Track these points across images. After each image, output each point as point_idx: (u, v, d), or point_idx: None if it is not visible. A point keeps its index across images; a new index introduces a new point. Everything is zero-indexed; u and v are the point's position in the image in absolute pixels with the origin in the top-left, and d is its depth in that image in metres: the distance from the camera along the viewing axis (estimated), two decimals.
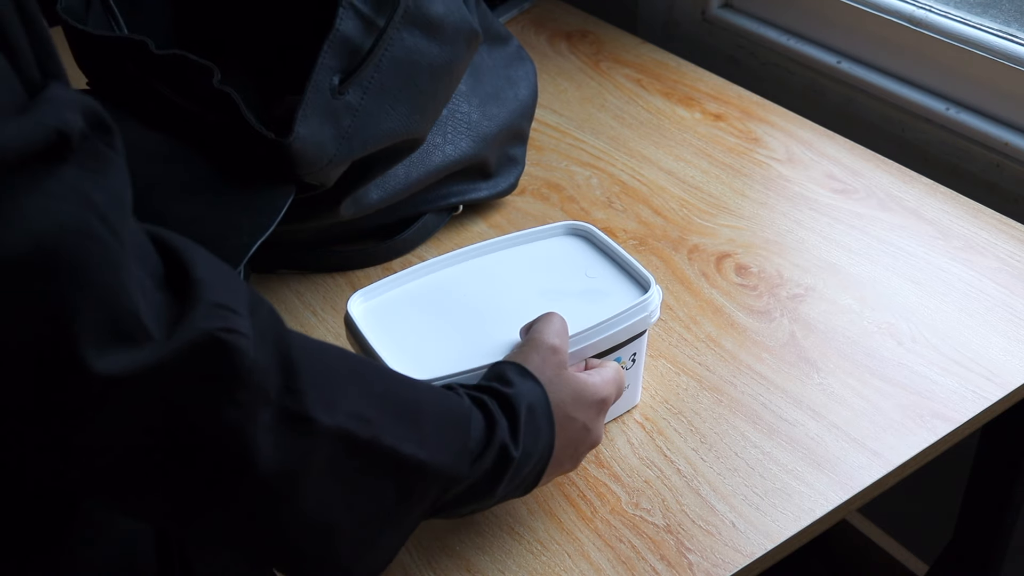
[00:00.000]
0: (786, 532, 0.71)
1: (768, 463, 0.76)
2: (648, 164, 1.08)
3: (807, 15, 1.23)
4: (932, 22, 1.11)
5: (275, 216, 0.78)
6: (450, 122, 0.94)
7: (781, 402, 0.81)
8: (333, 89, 0.80)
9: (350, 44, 0.80)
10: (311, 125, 0.78)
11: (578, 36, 1.31)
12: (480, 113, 0.96)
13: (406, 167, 0.91)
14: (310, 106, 0.78)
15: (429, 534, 0.72)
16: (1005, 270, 0.92)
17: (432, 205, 0.96)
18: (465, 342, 0.73)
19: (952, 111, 1.10)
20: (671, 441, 0.78)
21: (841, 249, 0.95)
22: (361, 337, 0.73)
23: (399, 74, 0.83)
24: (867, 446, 0.77)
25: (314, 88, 0.79)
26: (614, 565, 0.70)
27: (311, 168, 0.80)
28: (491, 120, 0.97)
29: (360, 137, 0.82)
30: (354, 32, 0.80)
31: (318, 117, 0.79)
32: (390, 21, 0.81)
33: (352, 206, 0.89)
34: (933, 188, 1.02)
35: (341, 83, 0.80)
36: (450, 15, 0.85)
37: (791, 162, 1.07)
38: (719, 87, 1.19)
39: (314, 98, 0.79)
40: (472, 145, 0.95)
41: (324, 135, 0.79)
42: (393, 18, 0.81)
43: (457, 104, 0.95)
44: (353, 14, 0.80)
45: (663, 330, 0.88)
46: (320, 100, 0.79)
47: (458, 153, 0.95)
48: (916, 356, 0.84)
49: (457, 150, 0.94)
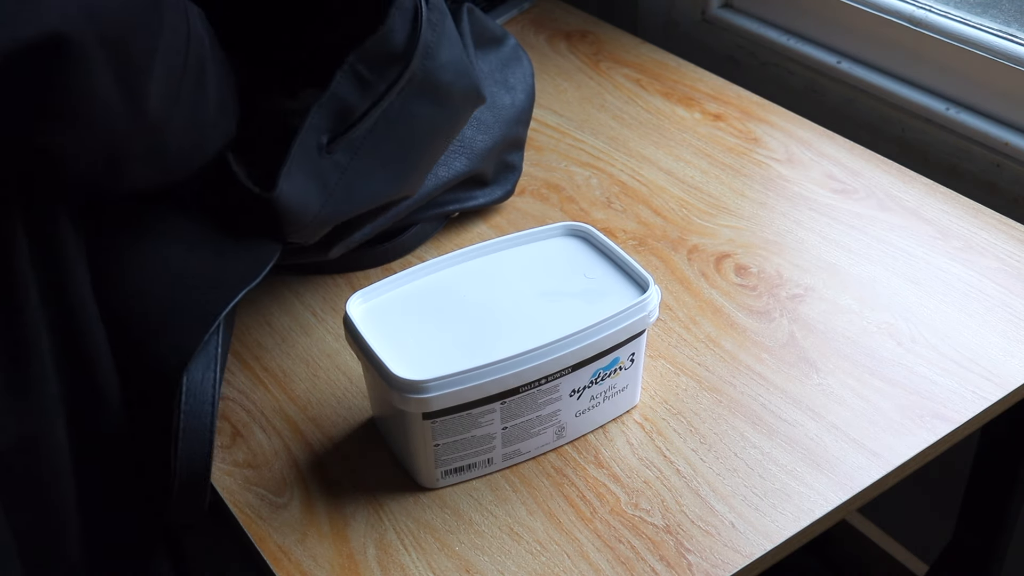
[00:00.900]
0: (786, 532, 0.71)
1: (768, 463, 0.76)
2: (648, 164, 1.08)
3: (807, 15, 1.23)
4: (932, 22, 1.11)
5: (261, 269, 0.78)
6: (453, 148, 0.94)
7: (781, 402, 0.81)
8: (321, 148, 0.79)
9: (343, 105, 0.79)
10: (296, 181, 0.77)
11: (578, 36, 1.31)
12: (475, 129, 0.95)
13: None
14: (296, 163, 0.77)
15: (429, 534, 0.72)
16: (1005, 270, 0.92)
17: (426, 214, 0.95)
18: (465, 342, 0.73)
19: (952, 111, 1.10)
20: (670, 441, 0.78)
21: (841, 249, 0.95)
22: (361, 338, 0.73)
23: (394, 135, 0.82)
24: (867, 446, 0.77)
25: (301, 146, 0.78)
26: (613, 566, 0.70)
27: (296, 224, 0.79)
28: (486, 134, 0.96)
29: (346, 195, 0.81)
30: (349, 94, 0.79)
31: (303, 174, 0.78)
32: (392, 86, 0.79)
33: (343, 247, 0.88)
34: (933, 188, 1.02)
35: (329, 143, 0.79)
36: (458, 81, 0.84)
37: (791, 162, 1.07)
38: (719, 87, 1.19)
39: (300, 155, 0.78)
40: (467, 163, 0.94)
41: (309, 192, 0.78)
42: (396, 84, 0.80)
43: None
44: (352, 77, 0.79)
45: (662, 330, 0.88)
46: (306, 158, 0.78)
47: (452, 174, 0.93)
48: (916, 356, 0.84)
49: (451, 171, 0.93)
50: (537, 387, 0.73)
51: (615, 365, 0.76)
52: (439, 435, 0.72)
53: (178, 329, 0.74)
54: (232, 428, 0.81)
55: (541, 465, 0.77)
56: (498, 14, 1.34)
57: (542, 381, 0.73)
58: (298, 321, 0.91)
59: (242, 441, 0.80)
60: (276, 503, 0.75)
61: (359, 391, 0.84)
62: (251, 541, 0.73)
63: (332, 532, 0.73)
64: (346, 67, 0.79)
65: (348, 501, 0.75)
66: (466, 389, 0.70)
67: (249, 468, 0.78)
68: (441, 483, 0.75)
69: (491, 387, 0.71)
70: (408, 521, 0.73)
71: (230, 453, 0.79)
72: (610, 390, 0.78)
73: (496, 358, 0.70)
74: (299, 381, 0.85)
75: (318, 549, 0.72)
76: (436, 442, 0.72)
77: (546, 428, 0.76)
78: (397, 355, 0.71)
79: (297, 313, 0.91)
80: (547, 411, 0.75)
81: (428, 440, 0.72)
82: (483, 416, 0.72)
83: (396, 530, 0.73)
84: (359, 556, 0.71)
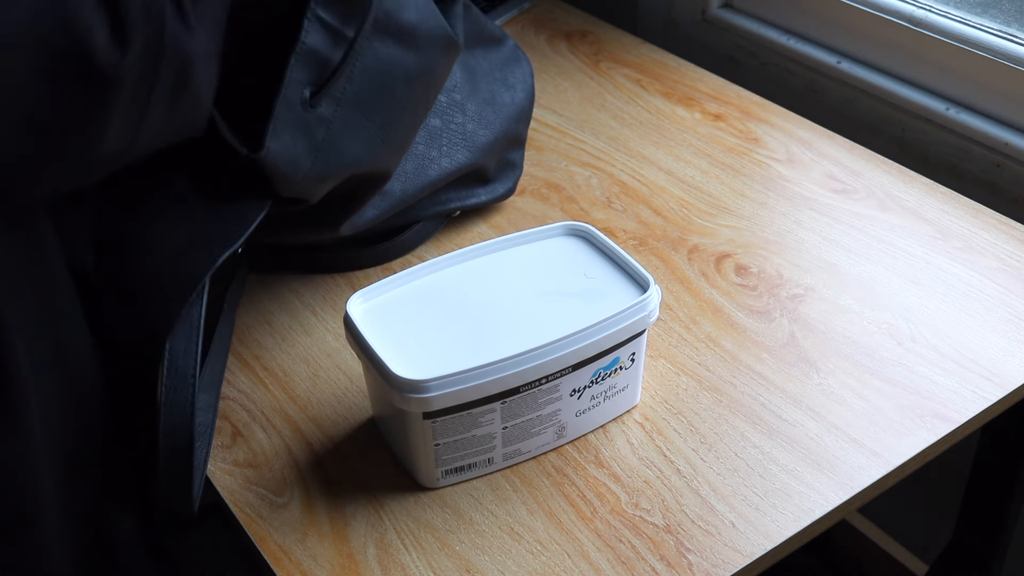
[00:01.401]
0: (786, 532, 0.71)
1: (768, 463, 0.76)
2: (648, 164, 1.08)
3: (807, 15, 1.23)
4: (932, 22, 1.11)
5: (246, 228, 0.77)
6: (445, 134, 0.93)
7: (781, 402, 0.81)
8: (304, 102, 0.78)
9: (318, 56, 0.78)
10: (283, 139, 0.77)
11: (578, 36, 1.31)
12: (476, 123, 0.95)
13: (402, 182, 0.90)
14: (280, 120, 0.77)
15: (429, 534, 0.72)
16: (1005, 270, 0.92)
17: (429, 212, 0.96)
18: (465, 342, 0.73)
19: (952, 111, 1.10)
20: (671, 441, 0.78)
21: (841, 249, 0.95)
22: (361, 337, 0.73)
23: (372, 84, 0.81)
24: (867, 446, 0.77)
25: (284, 102, 0.77)
26: (614, 565, 0.70)
27: (287, 182, 0.78)
28: (487, 128, 0.96)
29: (335, 149, 0.80)
30: (321, 44, 0.78)
31: (289, 131, 0.77)
32: (359, 31, 0.79)
33: (350, 227, 0.88)
34: (933, 188, 1.02)
35: (312, 96, 0.78)
36: (424, 23, 0.83)
37: (791, 162, 1.07)
38: (719, 87, 1.19)
39: (284, 112, 0.77)
40: (469, 156, 0.95)
41: (297, 149, 0.78)
42: (363, 28, 0.79)
43: (452, 115, 0.94)
44: (319, 26, 0.78)
45: (663, 330, 0.88)
46: (291, 114, 0.77)
47: (454, 165, 0.94)
48: (916, 356, 0.84)
49: (453, 163, 0.94)
50: (537, 387, 0.73)
51: (615, 365, 0.76)
52: (439, 435, 0.72)
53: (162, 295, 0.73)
54: (232, 428, 0.81)
55: (541, 465, 0.77)
56: (498, 14, 1.34)
57: (542, 381, 0.73)
58: (298, 320, 0.91)
59: (242, 441, 0.80)
60: (276, 503, 0.75)
61: (359, 391, 0.84)
62: (251, 541, 0.73)
63: (332, 532, 0.73)
64: (309, 15, 0.77)
65: (348, 501, 0.75)
66: (466, 389, 0.70)
67: (249, 468, 0.78)
68: (441, 483, 0.75)
69: (491, 387, 0.71)
70: (408, 521, 0.73)
71: (230, 453, 0.79)
72: (610, 390, 0.78)
73: (496, 358, 0.70)
74: (299, 381, 0.85)
75: (318, 549, 0.72)
76: (436, 442, 0.72)
77: (546, 428, 0.76)
78: (397, 355, 0.71)
79: (297, 312, 0.91)
80: (547, 411, 0.75)
81: (428, 440, 0.72)
82: (483, 416, 0.72)
83: (396, 530, 0.73)
84: (359, 556, 0.71)
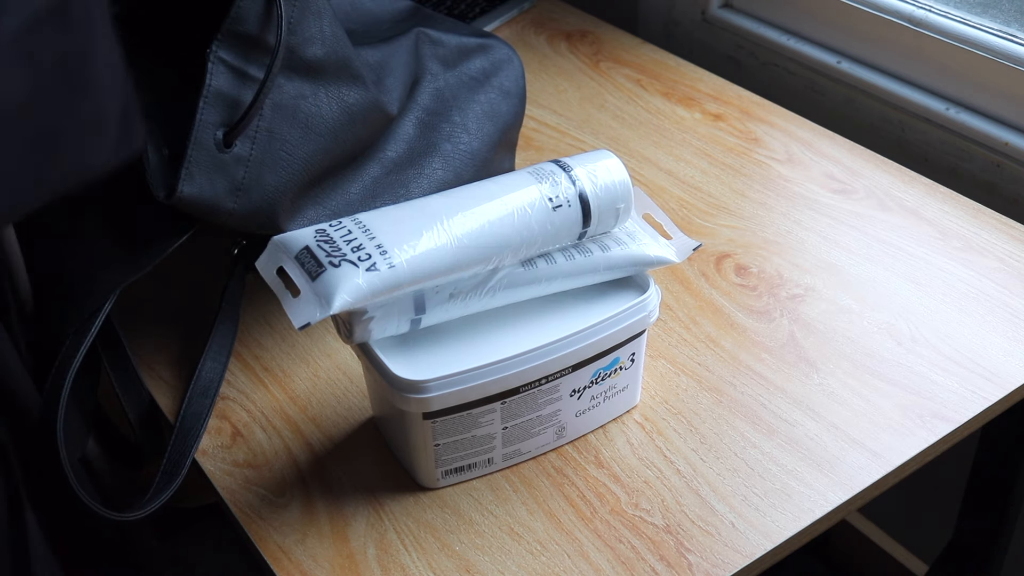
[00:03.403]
0: (786, 532, 0.71)
1: (768, 463, 0.76)
2: (648, 164, 1.08)
3: (807, 15, 1.23)
4: (932, 22, 1.11)
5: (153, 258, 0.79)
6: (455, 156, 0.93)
7: (781, 402, 0.81)
8: (219, 143, 0.77)
9: (226, 98, 0.77)
10: (197, 183, 0.76)
11: (578, 36, 1.31)
12: (480, 141, 0.94)
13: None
14: (193, 163, 0.76)
15: (429, 534, 0.72)
16: (1005, 270, 0.92)
17: None
18: (465, 342, 0.73)
19: (952, 111, 1.10)
20: (671, 441, 0.78)
21: (841, 249, 0.95)
22: None
23: (285, 120, 0.80)
24: (867, 446, 0.77)
25: (196, 145, 0.76)
26: (613, 566, 0.70)
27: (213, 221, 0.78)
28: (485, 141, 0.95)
29: (259, 187, 0.79)
30: (227, 86, 0.77)
31: (205, 174, 0.77)
32: (270, 70, 0.78)
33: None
34: (933, 188, 1.02)
35: (226, 135, 0.77)
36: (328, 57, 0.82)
37: (791, 162, 1.07)
38: (719, 87, 1.19)
39: (197, 155, 0.76)
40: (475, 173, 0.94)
41: (216, 190, 0.77)
42: (272, 67, 0.78)
43: (458, 137, 0.93)
44: (223, 68, 0.77)
45: (663, 330, 0.88)
46: (204, 157, 0.77)
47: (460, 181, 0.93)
48: (916, 356, 0.84)
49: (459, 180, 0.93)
50: (537, 387, 0.73)
51: (615, 365, 0.76)
52: (439, 435, 0.72)
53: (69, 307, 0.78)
54: (232, 428, 0.81)
55: (541, 465, 0.77)
56: (498, 14, 1.34)
57: (542, 381, 0.73)
58: None
59: (242, 441, 0.80)
60: (276, 503, 0.75)
61: (359, 391, 0.84)
62: (251, 541, 0.73)
63: (332, 532, 0.73)
64: (211, 56, 0.77)
65: (348, 501, 0.75)
66: (466, 389, 0.70)
67: (249, 468, 0.78)
68: (441, 483, 0.75)
69: (491, 387, 0.71)
70: (408, 521, 0.73)
71: (230, 453, 0.79)
72: (610, 390, 0.78)
73: (496, 358, 0.70)
74: (299, 381, 0.85)
75: (318, 549, 0.72)
76: (436, 442, 0.72)
77: (546, 428, 0.76)
78: (397, 355, 0.71)
79: None
80: (547, 411, 0.75)
81: (428, 440, 0.72)
82: (483, 416, 0.72)
83: (396, 530, 0.73)
84: (359, 556, 0.71)
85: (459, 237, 0.69)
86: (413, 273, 0.68)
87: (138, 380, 0.84)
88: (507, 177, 0.74)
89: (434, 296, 0.70)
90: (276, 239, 0.69)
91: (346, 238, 0.68)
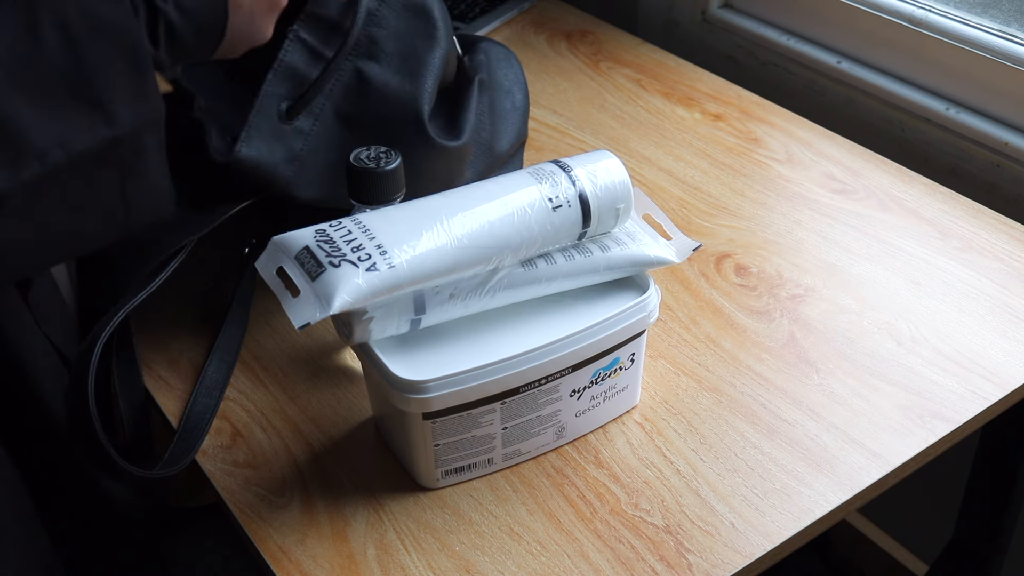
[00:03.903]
0: (786, 533, 0.71)
1: (768, 464, 0.76)
2: (648, 164, 1.08)
3: (807, 15, 1.23)
4: (932, 22, 1.11)
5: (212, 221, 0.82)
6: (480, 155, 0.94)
7: (780, 402, 0.81)
8: (281, 115, 0.81)
9: (295, 72, 0.82)
10: (256, 147, 0.80)
11: (578, 36, 1.31)
12: (500, 140, 0.96)
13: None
14: (253, 128, 0.80)
15: (429, 534, 0.72)
16: (1005, 270, 0.92)
17: None
18: (465, 342, 0.73)
19: (952, 111, 1.10)
20: (670, 442, 0.78)
21: (841, 249, 0.95)
22: None
23: (350, 100, 0.84)
24: (867, 446, 0.77)
25: (258, 112, 0.80)
26: (613, 566, 0.70)
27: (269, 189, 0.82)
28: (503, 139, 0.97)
29: (317, 160, 0.83)
30: (299, 62, 0.82)
31: (264, 140, 0.81)
32: (339, 52, 0.82)
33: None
34: (933, 188, 1.02)
35: (289, 109, 0.82)
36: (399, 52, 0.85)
37: (791, 162, 1.07)
38: (719, 87, 1.19)
39: (258, 121, 0.80)
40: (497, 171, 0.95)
41: (274, 157, 0.81)
42: (342, 50, 0.82)
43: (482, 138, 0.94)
44: (300, 46, 0.81)
45: (662, 330, 0.88)
46: (265, 124, 0.81)
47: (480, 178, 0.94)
48: (916, 356, 0.84)
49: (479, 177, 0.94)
50: (537, 387, 0.73)
51: (615, 365, 0.76)
52: (439, 435, 0.72)
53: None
54: (232, 428, 0.81)
55: (541, 465, 0.77)
56: (498, 14, 1.34)
57: (542, 381, 0.73)
58: None
59: (242, 441, 0.80)
60: (276, 503, 0.75)
61: (359, 391, 0.84)
62: (251, 541, 0.73)
63: (332, 532, 0.73)
64: (291, 34, 0.81)
65: (348, 501, 0.75)
66: (466, 389, 0.70)
67: (249, 468, 0.78)
68: (441, 483, 0.75)
69: (491, 387, 0.71)
70: (408, 521, 0.73)
71: (230, 453, 0.79)
72: (610, 390, 0.78)
73: (496, 358, 0.70)
74: (299, 381, 0.85)
75: (318, 549, 0.72)
76: (436, 442, 0.72)
77: (546, 428, 0.76)
78: (397, 355, 0.71)
79: None
80: (547, 411, 0.75)
81: (428, 440, 0.72)
82: (483, 416, 0.72)
83: (396, 530, 0.73)
84: (359, 556, 0.71)
85: (459, 237, 0.69)
86: (413, 273, 0.68)
87: (138, 377, 0.84)
88: (507, 177, 0.74)
89: (434, 296, 0.70)
90: (276, 239, 0.69)
91: (346, 238, 0.68)
